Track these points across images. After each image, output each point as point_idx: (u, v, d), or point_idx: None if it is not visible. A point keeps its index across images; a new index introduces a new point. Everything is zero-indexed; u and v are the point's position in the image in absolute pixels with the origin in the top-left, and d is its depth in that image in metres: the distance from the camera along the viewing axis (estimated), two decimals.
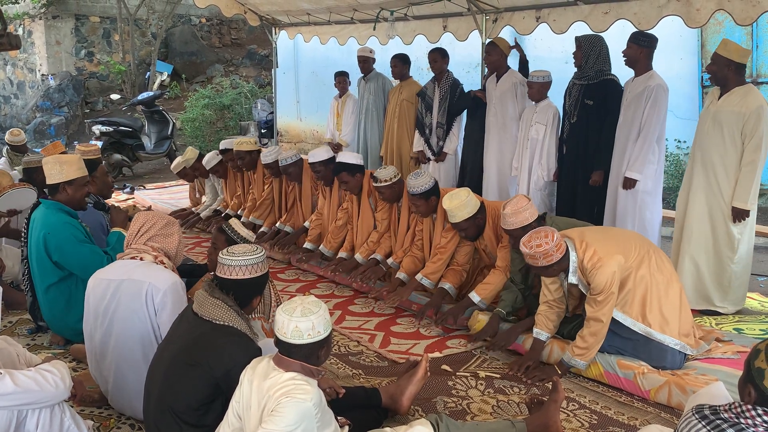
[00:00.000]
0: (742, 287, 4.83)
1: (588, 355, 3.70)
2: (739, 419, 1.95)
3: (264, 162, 6.55)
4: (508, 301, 4.31)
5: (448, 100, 6.69)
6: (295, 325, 2.41)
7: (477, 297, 4.47)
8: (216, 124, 13.30)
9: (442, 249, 4.80)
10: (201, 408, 2.70)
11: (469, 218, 4.46)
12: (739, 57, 4.55)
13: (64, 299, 4.08)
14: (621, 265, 3.65)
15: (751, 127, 4.49)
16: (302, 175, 6.31)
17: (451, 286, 4.72)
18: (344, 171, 5.50)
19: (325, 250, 5.87)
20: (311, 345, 2.44)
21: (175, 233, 3.42)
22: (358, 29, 8.36)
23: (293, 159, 6.21)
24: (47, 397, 2.63)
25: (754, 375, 1.98)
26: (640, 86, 5.05)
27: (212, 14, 17.36)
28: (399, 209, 5.37)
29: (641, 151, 5.03)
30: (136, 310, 3.18)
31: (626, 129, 5.16)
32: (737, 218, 4.62)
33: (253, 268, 2.88)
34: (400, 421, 3.26)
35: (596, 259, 3.64)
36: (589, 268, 3.65)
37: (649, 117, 5.00)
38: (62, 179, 4.08)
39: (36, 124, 14.02)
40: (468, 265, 4.83)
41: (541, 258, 3.61)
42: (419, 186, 4.75)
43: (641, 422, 3.32)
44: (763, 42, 7.84)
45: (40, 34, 15.29)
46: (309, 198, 6.38)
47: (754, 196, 4.60)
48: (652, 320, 3.69)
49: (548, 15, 6.22)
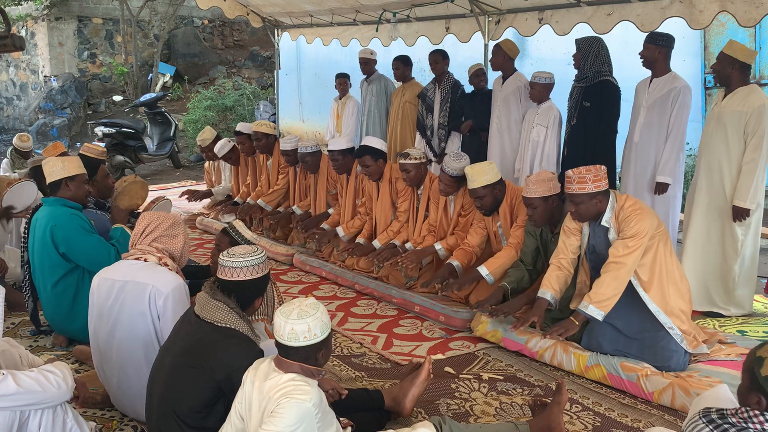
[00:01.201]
0: (747, 290, 4.79)
1: (607, 304, 3.66)
2: (747, 424, 1.93)
3: (283, 148, 6.57)
4: (514, 278, 4.36)
5: (449, 102, 6.69)
6: (291, 327, 2.41)
7: (485, 270, 4.52)
8: (218, 125, 13.29)
9: None
10: (203, 410, 2.69)
11: (487, 186, 4.54)
12: (743, 56, 4.55)
13: (71, 294, 4.08)
14: (654, 226, 3.70)
15: (753, 125, 4.49)
16: (319, 166, 6.35)
17: (458, 264, 4.78)
18: (368, 155, 5.52)
19: (341, 233, 5.89)
20: (308, 347, 2.43)
21: (180, 234, 3.40)
22: (360, 30, 8.36)
23: (312, 149, 6.26)
24: (49, 398, 2.62)
25: (763, 384, 1.96)
26: (665, 87, 4.99)
27: (215, 16, 17.38)
28: (419, 197, 5.42)
29: (671, 154, 4.98)
30: (139, 313, 3.17)
31: (653, 131, 5.07)
32: (737, 217, 4.60)
33: (255, 269, 2.87)
34: (403, 423, 3.25)
35: (637, 207, 3.72)
36: (627, 215, 3.70)
37: (677, 119, 4.95)
38: (64, 175, 4.10)
39: (38, 125, 14.03)
40: (479, 249, 4.89)
41: (575, 182, 3.71)
42: (455, 169, 4.86)
43: (645, 424, 3.31)
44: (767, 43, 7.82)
45: (42, 36, 15.31)
46: (324, 190, 6.41)
47: (755, 195, 4.57)
48: (662, 300, 3.72)
49: (551, 16, 6.22)
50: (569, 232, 4.01)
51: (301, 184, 6.71)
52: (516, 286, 4.34)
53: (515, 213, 4.65)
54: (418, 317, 4.83)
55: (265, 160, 7.16)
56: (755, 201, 4.58)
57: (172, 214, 3.53)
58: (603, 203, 3.77)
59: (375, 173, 5.59)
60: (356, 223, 5.89)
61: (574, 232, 3.99)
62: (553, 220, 4.30)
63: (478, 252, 4.89)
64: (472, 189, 4.59)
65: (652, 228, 3.69)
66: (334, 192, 6.33)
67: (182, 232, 3.43)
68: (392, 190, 5.64)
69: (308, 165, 6.33)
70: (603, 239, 3.86)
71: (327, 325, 2.48)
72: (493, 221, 4.80)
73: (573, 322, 3.77)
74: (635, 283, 3.74)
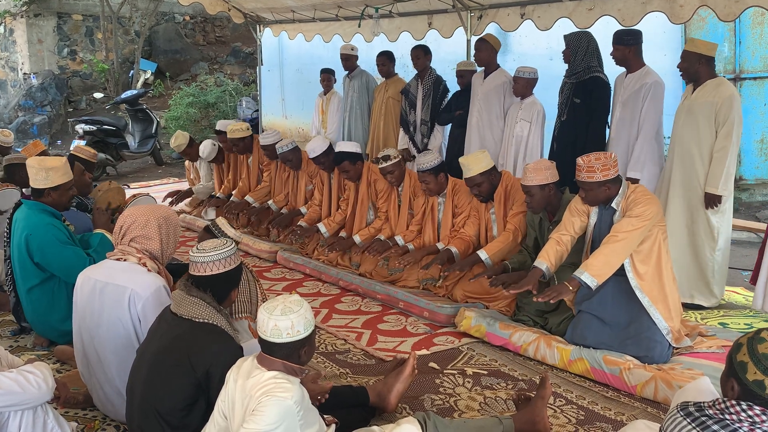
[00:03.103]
0: (722, 278, 4.87)
1: (601, 274, 3.69)
2: (723, 415, 1.94)
3: (262, 143, 6.62)
4: (516, 260, 4.46)
5: (431, 97, 6.69)
6: (274, 323, 2.41)
7: (484, 254, 4.60)
8: (201, 122, 13.21)
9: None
10: (185, 408, 2.68)
11: (484, 173, 4.66)
12: (707, 50, 4.65)
13: (46, 300, 4.03)
14: (659, 216, 3.80)
15: (724, 114, 4.58)
16: (301, 163, 6.39)
17: (456, 251, 4.87)
18: (346, 160, 5.66)
19: (323, 230, 5.90)
20: (291, 344, 2.42)
21: (155, 235, 3.27)
22: (342, 26, 8.34)
23: (291, 146, 6.33)
24: (30, 398, 2.60)
25: (737, 369, 1.97)
26: (637, 83, 5.04)
27: (196, 12, 17.23)
28: (399, 196, 5.48)
29: (642, 149, 5.04)
30: (119, 316, 3.13)
31: (626, 127, 5.12)
32: (709, 204, 4.67)
33: (227, 261, 2.87)
34: (388, 419, 3.25)
35: (648, 194, 3.82)
36: (636, 197, 3.77)
37: (648, 115, 5.00)
38: (48, 185, 3.99)
39: (18, 123, 13.86)
40: (476, 238, 4.97)
41: (583, 171, 3.77)
42: (427, 162, 4.97)
43: (628, 417, 3.33)
44: (746, 38, 7.87)
45: (21, 33, 15.12)
46: (304, 185, 6.44)
47: (726, 182, 4.62)
48: (654, 294, 3.77)
49: (533, 12, 6.23)
50: (575, 212, 4.05)
51: (281, 178, 6.72)
52: (518, 267, 4.40)
53: (511, 199, 4.73)
54: (403, 313, 4.83)
55: (246, 158, 7.15)
56: (726, 188, 4.64)
57: (151, 208, 3.38)
58: (613, 190, 3.84)
59: (354, 176, 5.74)
60: (337, 218, 5.91)
61: (580, 213, 4.03)
62: (552, 208, 4.34)
63: (475, 241, 4.96)
64: (469, 177, 4.69)
65: (657, 216, 3.77)
66: (311, 188, 6.35)
67: (157, 231, 3.27)
68: (371, 191, 5.71)
69: (292, 163, 6.37)
70: (608, 222, 3.91)
71: (310, 323, 2.47)
72: (486, 208, 4.87)
73: (566, 286, 3.79)
74: (630, 274, 3.78)
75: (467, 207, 5.03)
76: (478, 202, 4.90)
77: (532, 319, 4.34)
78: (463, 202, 5.06)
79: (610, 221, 3.90)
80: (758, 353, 1.93)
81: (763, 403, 1.92)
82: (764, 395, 1.92)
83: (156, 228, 3.28)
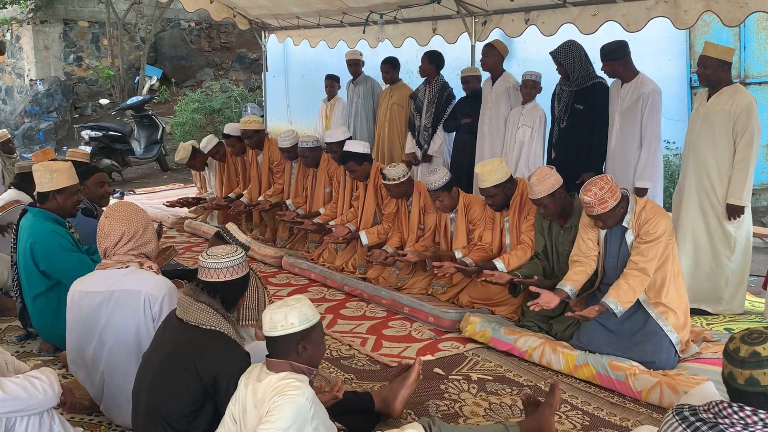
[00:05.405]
0: (740, 288, 4.80)
1: (628, 305, 3.74)
2: (717, 419, 1.96)
3: (281, 146, 6.52)
4: (527, 269, 4.42)
5: (435, 104, 6.69)
6: (270, 316, 2.45)
7: (501, 264, 4.55)
8: (206, 128, 13.23)
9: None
10: (190, 414, 2.68)
11: (498, 185, 4.58)
12: (728, 56, 4.63)
13: (52, 308, 4.02)
14: (670, 227, 3.82)
15: (742, 124, 4.53)
16: (319, 163, 6.35)
17: (471, 261, 4.79)
18: (352, 160, 5.62)
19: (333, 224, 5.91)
20: (286, 338, 2.43)
21: (152, 240, 3.35)
22: (347, 32, 8.35)
23: (313, 144, 6.28)
24: (36, 404, 2.60)
25: (722, 370, 2.03)
26: (634, 93, 5.03)
27: (201, 18, 17.29)
28: (409, 205, 5.45)
29: (648, 159, 5.02)
30: (132, 320, 3.14)
31: (626, 137, 5.11)
32: (732, 215, 4.63)
33: (239, 268, 2.89)
34: (393, 425, 3.25)
35: (658, 210, 3.82)
36: (648, 216, 3.77)
37: (648, 124, 4.99)
38: (52, 188, 4.02)
39: (25, 129, 13.93)
40: (494, 245, 4.91)
41: (596, 205, 3.72)
42: (438, 181, 4.90)
43: (633, 423, 3.32)
44: (751, 43, 7.87)
45: (28, 39, 15.20)
46: (322, 187, 6.38)
47: (749, 192, 4.61)
48: (663, 305, 3.79)
49: (537, 17, 6.23)
50: (586, 229, 4.04)
51: (299, 180, 6.65)
52: (529, 275, 4.35)
53: (527, 208, 4.67)
54: (408, 318, 4.83)
55: (255, 156, 7.07)
56: (748, 198, 4.62)
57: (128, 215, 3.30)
58: (624, 208, 3.83)
59: (361, 176, 5.69)
60: (349, 216, 5.91)
61: (591, 228, 4.02)
62: (564, 213, 4.32)
63: (494, 249, 4.90)
64: (484, 188, 4.63)
65: (669, 228, 3.79)
66: (329, 190, 6.33)
67: (153, 235, 3.35)
68: (377, 193, 5.70)
69: (308, 160, 6.33)
70: (619, 239, 3.91)
71: (307, 317, 2.47)
72: (501, 216, 4.84)
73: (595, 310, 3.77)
74: (642, 297, 3.82)
75: (481, 219, 4.97)
76: (492, 210, 4.86)
77: (537, 324, 4.33)
78: (477, 216, 4.99)
79: (621, 237, 3.89)
80: (729, 350, 2.00)
81: (755, 403, 1.94)
82: (738, 386, 1.95)
83: (151, 231, 3.35)
